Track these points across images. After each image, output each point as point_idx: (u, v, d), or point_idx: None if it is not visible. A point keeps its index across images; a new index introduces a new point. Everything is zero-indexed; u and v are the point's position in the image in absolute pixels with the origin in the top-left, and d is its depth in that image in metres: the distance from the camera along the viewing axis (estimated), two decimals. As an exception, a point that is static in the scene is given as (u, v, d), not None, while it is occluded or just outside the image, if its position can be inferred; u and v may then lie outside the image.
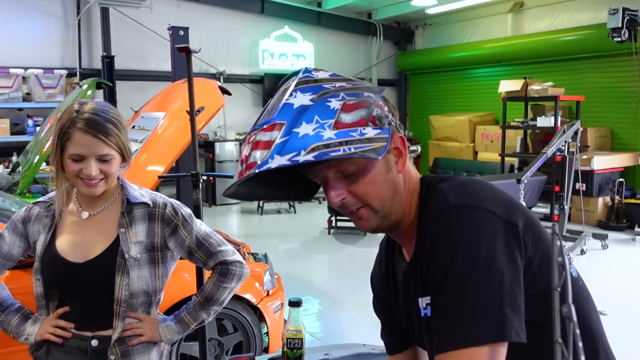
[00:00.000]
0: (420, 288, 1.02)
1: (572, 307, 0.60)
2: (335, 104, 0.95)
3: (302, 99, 0.95)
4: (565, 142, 6.15)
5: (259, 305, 3.17)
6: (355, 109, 0.95)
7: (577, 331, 0.56)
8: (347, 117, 0.93)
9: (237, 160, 9.97)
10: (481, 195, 0.97)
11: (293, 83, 0.99)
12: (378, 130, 0.94)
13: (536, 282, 0.94)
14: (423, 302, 1.01)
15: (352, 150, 0.91)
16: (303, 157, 0.90)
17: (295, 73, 1.02)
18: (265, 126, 0.94)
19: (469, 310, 0.87)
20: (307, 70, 1.01)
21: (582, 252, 6.40)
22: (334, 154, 0.90)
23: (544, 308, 0.89)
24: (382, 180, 1.00)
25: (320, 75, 1.00)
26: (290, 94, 0.96)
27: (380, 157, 0.93)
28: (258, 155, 0.93)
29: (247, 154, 0.96)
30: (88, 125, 1.45)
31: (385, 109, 0.98)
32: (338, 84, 0.98)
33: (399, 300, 1.16)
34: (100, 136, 1.46)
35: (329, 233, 7.57)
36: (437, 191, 1.00)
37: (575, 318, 0.56)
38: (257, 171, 0.92)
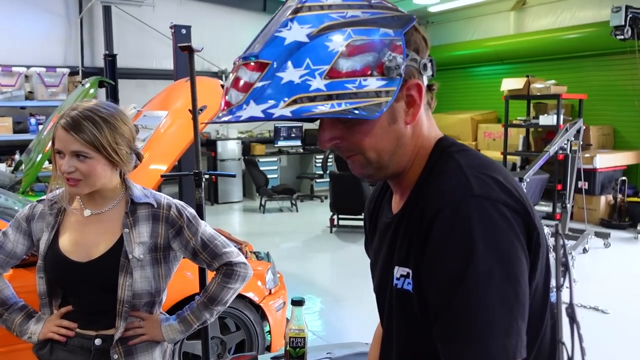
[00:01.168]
0: (399, 256, 0.92)
1: (576, 308, 0.59)
2: (336, 44, 0.78)
3: (298, 33, 0.79)
4: (568, 140, 6.13)
5: (261, 304, 3.18)
6: (361, 52, 0.79)
7: (581, 332, 0.56)
8: (346, 64, 0.78)
9: (239, 159, 9.98)
10: (505, 188, 0.85)
11: (294, 4, 0.82)
12: (383, 82, 0.80)
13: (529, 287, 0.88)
14: (398, 272, 0.92)
15: (342, 107, 0.77)
16: (279, 111, 0.77)
17: None
18: (248, 61, 0.81)
19: (485, 321, 0.78)
20: None
21: (585, 250, 6.39)
22: (317, 110, 0.77)
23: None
24: (382, 132, 0.87)
25: None
26: (284, 24, 0.80)
27: (374, 118, 0.80)
28: (234, 96, 0.81)
29: (228, 87, 0.83)
30: (67, 122, 1.47)
31: (404, 51, 0.82)
32: (351, 13, 0.81)
33: (372, 244, 1.10)
34: (72, 132, 1.46)
35: (331, 231, 7.57)
36: (456, 166, 0.87)
37: (578, 319, 0.56)
38: (225, 119, 0.81)
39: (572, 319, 0.56)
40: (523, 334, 0.79)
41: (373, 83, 0.79)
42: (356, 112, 0.78)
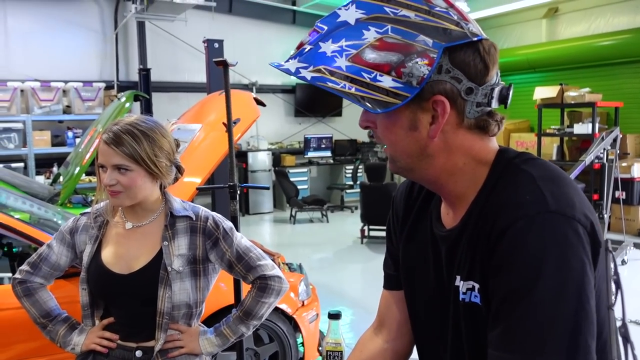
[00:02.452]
0: (463, 270, 0.92)
1: (629, 326, 0.58)
2: (371, 34, 0.83)
3: (351, 15, 0.86)
4: (604, 149, 5.99)
5: (294, 316, 3.18)
6: (387, 49, 0.82)
7: (636, 352, 0.54)
8: (371, 55, 0.83)
9: (269, 170, 10.06)
10: (577, 203, 0.84)
11: None
12: (397, 85, 0.82)
13: None
14: (464, 286, 0.91)
15: (352, 90, 0.82)
16: (304, 73, 0.84)
17: None
18: (314, 26, 0.89)
19: (549, 335, 0.77)
20: None
21: (623, 262, 6.22)
22: (330, 84, 0.83)
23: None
24: (402, 133, 0.89)
25: None
26: (347, 4, 0.87)
27: (376, 112, 0.83)
28: (293, 50, 0.90)
29: None
30: (109, 136, 1.51)
31: (434, 64, 0.82)
32: (404, 12, 0.84)
33: (408, 251, 1.08)
34: (112, 146, 1.50)
35: (361, 242, 7.54)
36: (528, 178, 0.86)
37: (632, 338, 0.54)
38: (274, 66, 0.90)
39: (626, 339, 0.55)
40: (592, 351, 0.78)
41: (387, 81, 0.82)
42: (361, 100, 0.82)
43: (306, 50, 0.87)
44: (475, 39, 0.86)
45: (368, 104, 0.82)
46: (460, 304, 0.93)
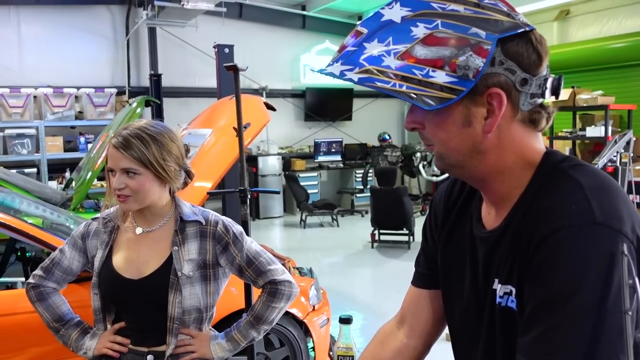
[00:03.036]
0: (501, 273, 0.90)
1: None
2: (420, 30, 0.81)
3: (395, 13, 0.84)
4: (617, 152, 5.94)
5: (305, 320, 3.17)
6: (439, 44, 0.80)
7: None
8: (422, 51, 0.80)
9: (279, 174, 10.08)
10: (625, 216, 0.80)
11: None
12: (452, 79, 0.80)
13: None
14: (501, 289, 0.90)
15: (403, 88, 0.80)
16: (350, 74, 0.82)
17: None
18: (356, 27, 0.87)
19: (577, 348, 0.76)
20: None
21: (638, 266, 6.15)
22: (379, 83, 0.80)
23: None
24: (455, 130, 0.86)
25: None
26: (390, 2, 0.85)
27: (431, 109, 0.80)
28: (335, 53, 0.88)
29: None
30: (118, 141, 1.52)
31: (489, 56, 0.80)
32: (452, 7, 0.82)
33: (445, 252, 1.06)
34: (122, 150, 1.51)
35: (372, 247, 7.52)
36: (575, 186, 0.82)
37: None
38: (318, 71, 0.89)
39: (642, 344, 0.54)
40: None
41: (441, 77, 0.80)
42: (412, 97, 0.80)
43: (350, 52, 0.85)
44: (528, 28, 0.84)
45: (421, 101, 0.80)
46: (496, 307, 0.91)
